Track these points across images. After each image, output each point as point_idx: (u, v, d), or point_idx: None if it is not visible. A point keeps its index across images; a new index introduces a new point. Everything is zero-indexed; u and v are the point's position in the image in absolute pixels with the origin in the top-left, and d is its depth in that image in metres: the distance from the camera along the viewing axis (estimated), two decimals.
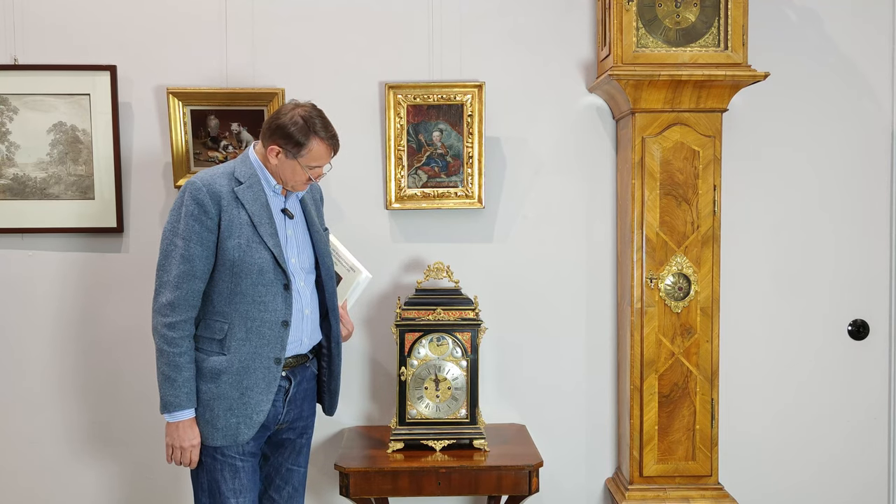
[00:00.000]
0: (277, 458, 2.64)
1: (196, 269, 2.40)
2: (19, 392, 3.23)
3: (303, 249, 2.57)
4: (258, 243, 2.43)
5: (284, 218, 2.54)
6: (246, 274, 2.42)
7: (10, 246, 3.20)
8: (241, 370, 2.42)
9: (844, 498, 3.36)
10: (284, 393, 2.53)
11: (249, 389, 2.43)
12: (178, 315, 2.39)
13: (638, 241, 3.03)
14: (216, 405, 2.42)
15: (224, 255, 2.42)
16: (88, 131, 3.15)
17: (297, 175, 2.48)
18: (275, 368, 2.45)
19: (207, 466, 2.47)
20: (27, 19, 3.15)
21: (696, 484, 3.05)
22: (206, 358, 2.44)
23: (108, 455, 3.25)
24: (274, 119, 2.47)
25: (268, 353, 2.44)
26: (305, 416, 2.64)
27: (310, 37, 3.21)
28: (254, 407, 2.43)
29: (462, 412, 2.96)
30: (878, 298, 3.34)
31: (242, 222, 2.43)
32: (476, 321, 2.95)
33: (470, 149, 3.17)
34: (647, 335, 3.03)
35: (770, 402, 3.34)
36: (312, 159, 2.46)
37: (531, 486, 2.83)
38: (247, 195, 2.45)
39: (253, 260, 2.42)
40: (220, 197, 2.42)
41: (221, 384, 2.42)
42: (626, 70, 2.91)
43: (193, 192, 2.41)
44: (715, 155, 3.02)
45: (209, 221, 2.40)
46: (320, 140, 2.45)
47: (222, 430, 2.43)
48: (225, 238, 2.41)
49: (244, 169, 2.50)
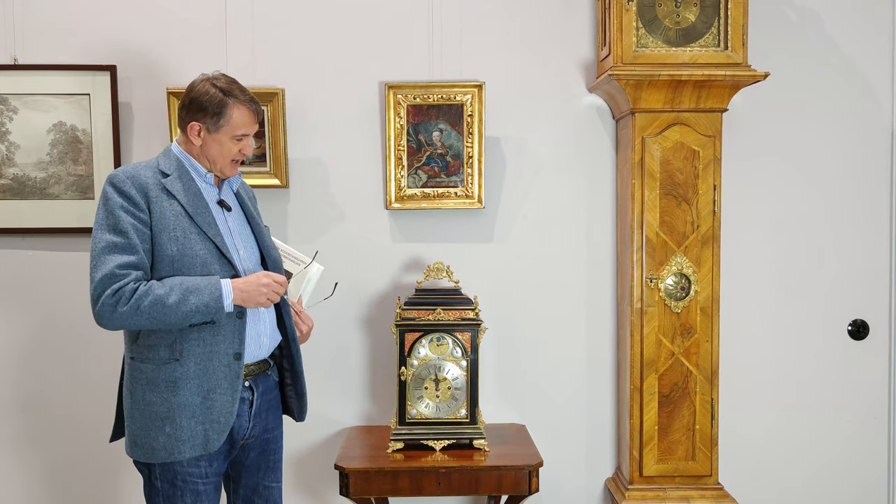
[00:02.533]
0: (252, 479, 2.47)
1: (142, 262, 2.20)
2: (19, 392, 3.23)
3: (246, 244, 2.40)
4: (197, 234, 2.26)
5: (222, 210, 2.37)
6: (188, 268, 2.24)
7: (10, 246, 3.20)
8: (200, 373, 2.24)
9: (844, 498, 3.36)
10: (249, 405, 2.37)
11: (212, 392, 2.25)
12: (123, 277, 2.16)
13: (638, 240, 3.03)
14: (178, 415, 2.23)
15: (161, 251, 2.23)
16: (88, 131, 3.15)
17: (225, 149, 2.32)
18: (236, 365, 2.27)
19: (165, 493, 2.28)
20: (27, 19, 3.15)
21: (696, 484, 3.05)
22: (158, 368, 2.24)
23: (107, 455, 3.25)
24: (186, 96, 2.33)
25: (225, 349, 2.26)
26: (272, 428, 2.48)
27: (309, 37, 3.21)
28: (220, 410, 2.25)
29: (462, 412, 2.96)
30: (878, 298, 3.34)
31: (176, 213, 2.25)
32: (476, 321, 2.95)
33: (470, 149, 3.17)
34: (646, 335, 3.03)
35: (770, 401, 3.34)
36: (236, 127, 2.31)
37: (531, 486, 2.83)
38: (176, 185, 2.28)
39: (194, 252, 2.24)
40: (147, 188, 2.24)
41: (180, 392, 2.23)
42: (626, 70, 2.91)
43: (118, 183, 2.23)
44: (715, 155, 3.02)
45: (141, 214, 2.22)
46: (240, 104, 2.31)
47: (189, 442, 2.23)
48: (159, 232, 2.23)
49: (167, 161, 2.33)
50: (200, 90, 2.31)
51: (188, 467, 2.28)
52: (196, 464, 2.28)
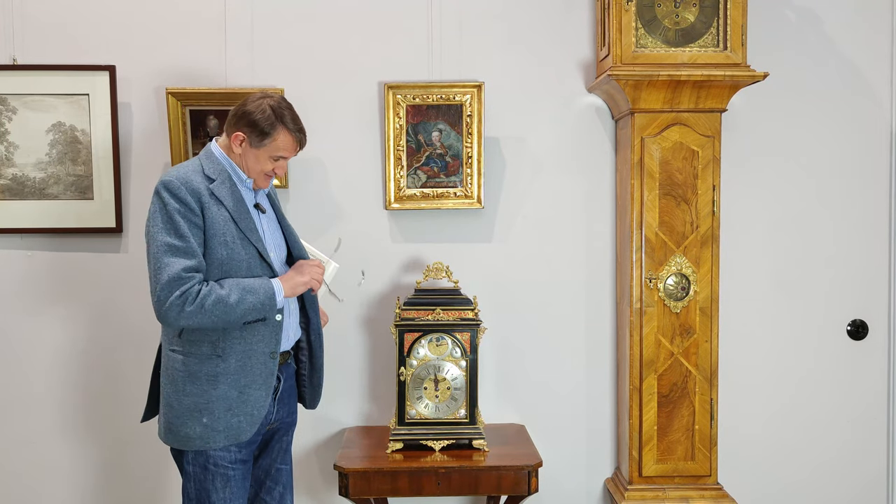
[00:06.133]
0: (266, 460, 2.60)
1: (202, 265, 2.33)
2: (19, 392, 3.23)
3: (277, 244, 2.54)
4: (242, 239, 2.39)
5: (258, 213, 2.50)
6: (235, 272, 2.37)
7: (9, 246, 3.20)
8: (239, 369, 2.38)
9: (843, 498, 3.36)
10: (275, 391, 2.51)
11: (248, 387, 2.39)
12: (189, 280, 2.28)
13: (637, 241, 3.03)
14: (215, 407, 2.37)
15: (211, 255, 2.35)
16: (87, 131, 3.14)
17: (261, 165, 2.43)
18: (271, 363, 2.43)
19: (196, 476, 2.41)
20: (26, 19, 3.15)
21: (696, 484, 3.06)
22: (200, 362, 2.38)
23: (107, 455, 3.25)
24: (241, 107, 2.42)
25: (263, 348, 2.41)
26: (291, 412, 2.63)
27: (309, 37, 3.21)
28: (254, 404, 2.40)
29: (461, 412, 2.96)
30: (877, 298, 3.34)
31: (224, 219, 2.37)
32: (475, 321, 2.95)
33: (469, 149, 3.17)
34: (646, 335, 3.03)
35: (769, 401, 3.34)
36: (277, 149, 2.42)
37: (530, 486, 2.83)
38: (223, 191, 2.39)
39: (241, 257, 2.38)
40: (200, 194, 2.35)
41: (220, 386, 2.37)
42: (626, 70, 2.91)
43: (173, 189, 2.32)
44: (714, 155, 3.02)
45: (196, 219, 2.34)
46: (287, 131, 2.41)
47: (224, 432, 2.38)
48: (210, 237, 2.35)
49: (211, 165, 2.43)
50: (256, 107, 2.40)
51: (220, 452, 2.40)
52: (227, 449, 2.41)
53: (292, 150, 2.46)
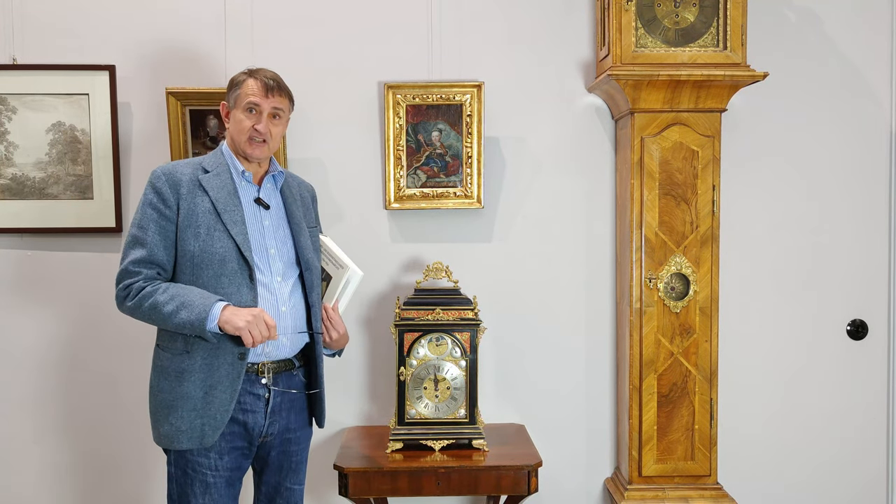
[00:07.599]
0: (272, 477, 2.51)
1: (154, 257, 2.33)
2: (18, 392, 3.23)
3: (282, 242, 2.47)
4: (220, 231, 2.34)
5: (259, 208, 2.45)
6: (207, 265, 2.33)
7: (9, 246, 3.20)
8: (205, 367, 2.31)
9: (843, 498, 3.36)
10: (266, 402, 2.41)
11: (213, 388, 2.31)
12: (135, 275, 2.32)
13: (637, 240, 3.03)
14: (180, 405, 2.31)
15: (184, 246, 2.34)
16: (87, 131, 3.15)
17: (242, 125, 2.41)
18: (239, 364, 2.32)
19: (178, 479, 2.37)
20: (26, 19, 3.15)
21: (695, 484, 3.06)
22: (172, 357, 2.35)
23: (106, 455, 3.25)
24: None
25: (231, 347, 2.31)
26: (294, 428, 2.50)
27: (309, 37, 3.21)
28: (217, 407, 2.31)
29: (461, 412, 2.96)
30: (876, 298, 3.34)
31: (204, 210, 2.35)
32: (475, 321, 2.95)
33: (469, 149, 3.17)
34: (646, 335, 3.03)
35: (769, 401, 3.34)
36: (246, 96, 2.41)
37: (530, 486, 2.83)
38: (212, 182, 2.39)
39: (214, 249, 2.33)
40: (180, 185, 2.36)
41: (184, 383, 2.32)
42: (626, 70, 2.91)
43: (153, 179, 2.38)
44: (714, 155, 3.02)
45: (167, 210, 2.34)
46: (254, 78, 2.43)
47: (187, 433, 2.31)
48: (184, 228, 2.34)
49: (213, 159, 2.46)
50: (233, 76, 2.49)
51: (197, 457, 2.36)
52: (206, 454, 2.36)
53: (260, 94, 2.41)
